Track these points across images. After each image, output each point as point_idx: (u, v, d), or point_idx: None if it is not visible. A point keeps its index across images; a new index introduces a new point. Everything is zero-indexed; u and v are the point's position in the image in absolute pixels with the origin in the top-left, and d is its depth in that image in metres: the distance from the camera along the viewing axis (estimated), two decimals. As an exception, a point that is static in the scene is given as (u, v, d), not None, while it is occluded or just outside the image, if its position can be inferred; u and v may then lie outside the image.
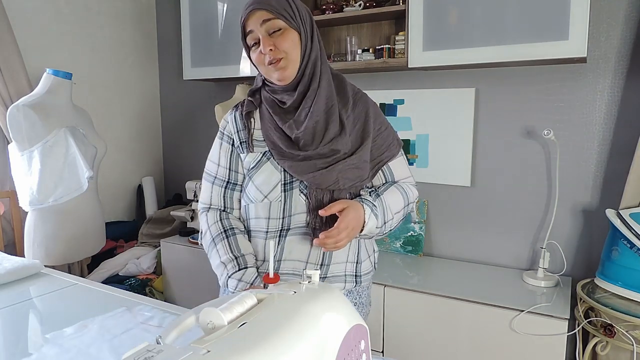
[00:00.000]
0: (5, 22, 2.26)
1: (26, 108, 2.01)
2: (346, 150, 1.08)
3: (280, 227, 1.12)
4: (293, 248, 1.12)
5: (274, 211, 1.11)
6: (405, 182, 1.20)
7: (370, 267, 1.23)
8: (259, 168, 1.13)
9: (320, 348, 0.61)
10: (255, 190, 1.13)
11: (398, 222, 1.17)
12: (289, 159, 1.09)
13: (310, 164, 1.07)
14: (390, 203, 1.12)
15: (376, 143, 1.14)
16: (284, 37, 1.05)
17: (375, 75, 2.43)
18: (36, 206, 2.10)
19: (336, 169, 1.06)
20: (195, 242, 2.53)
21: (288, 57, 1.06)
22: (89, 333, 1.16)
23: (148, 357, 0.52)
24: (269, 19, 1.04)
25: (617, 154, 1.94)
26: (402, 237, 2.38)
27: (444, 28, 1.96)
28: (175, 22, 3.08)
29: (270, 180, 1.11)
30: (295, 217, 1.11)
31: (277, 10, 1.04)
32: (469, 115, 2.20)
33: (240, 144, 1.17)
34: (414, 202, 1.20)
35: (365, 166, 1.11)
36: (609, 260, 1.75)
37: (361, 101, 1.15)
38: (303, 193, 1.10)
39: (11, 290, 1.50)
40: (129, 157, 3.10)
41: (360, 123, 1.12)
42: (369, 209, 1.07)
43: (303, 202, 1.10)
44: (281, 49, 1.05)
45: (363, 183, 1.13)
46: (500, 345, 1.76)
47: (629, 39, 1.88)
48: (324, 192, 1.08)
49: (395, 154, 1.18)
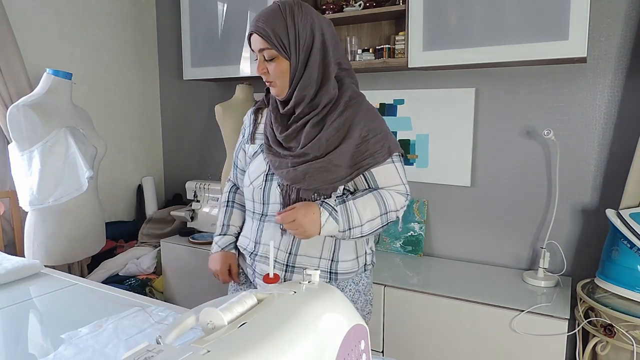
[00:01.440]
0: (5, 22, 2.26)
1: (26, 108, 2.01)
2: (317, 154, 1.16)
3: (260, 212, 1.26)
4: (267, 233, 1.25)
5: (257, 196, 1.26)
6: (390, 190, 1.23)
7: (354, 267, 1.27)
8: (254, 157, 1.29)
9: (320, 348, 0.61)
10: (247, 176, 1.30)
11: (374, 229, 1.20)
12: (273, 154, 1.23)
13: (283, 162, 1.19)
14: (361, 210, 1.17)
15: (359, 149, 1.19)
16: (274, 65, 1.17)
17: (375, 75, 2.43)
18: (36, 206, 2.10)
19: (300, 169, 1.16)
20: (195, 242, 2.53)
21: (277, 82, 1.19)
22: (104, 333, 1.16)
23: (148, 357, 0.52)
24: (265, 48, 1.15)
25: (617, 154, 1.94)
26: (402, 237, 2.38)
27: (444, 28, 1.96)
28: (175, 22, 3.08)
29: (259, 169, 1.26)
30: (271, 205, 1.23)
31: (272, 41, 1.13)
32: (469, 115, 2.20)
33: (248, 136, 1.34)
34: (399, 210, 1.23)
35: (336, 170, 1.17)
36: (609, 260, 1.75)
37: (352, 108, 1.20)
38: (279, 186, 1.21)
39: (11, 290, 1.50)
40: (129, 157, 3.10)
41: (343, 130, 1.18)
42: (326, 213, 1.14)
43: (278, 193, 1.22)
44: (272, 75, 1.18)
45: (334, 185, 1.19)
46: (500, 345, 1.76)
47: (629, 39, 1.88)
48: (292, 188, 1.19)
49: (380, 162, 1.20)
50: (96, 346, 1.10)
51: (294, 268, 1.23)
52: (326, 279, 1.25)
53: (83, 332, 1.17)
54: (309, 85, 1.17)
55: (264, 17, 1.14)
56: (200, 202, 2.73)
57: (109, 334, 1.15)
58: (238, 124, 2.49)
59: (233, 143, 2.52)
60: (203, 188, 2.72)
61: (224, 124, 2.48)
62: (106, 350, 1.08)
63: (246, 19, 2.46)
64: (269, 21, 1.13)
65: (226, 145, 2.55)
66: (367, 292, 1.34)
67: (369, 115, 1.21)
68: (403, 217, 2.37)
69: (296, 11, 1.14)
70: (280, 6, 1.14)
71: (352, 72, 1.28)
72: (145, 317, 1.25)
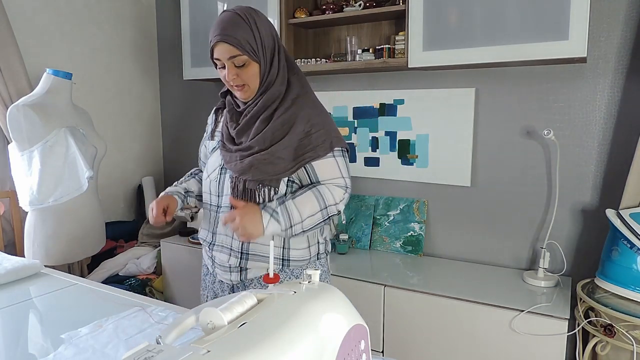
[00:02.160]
0: (5, 22, 2.26)
1: (26, 108, 2.01)
2: (262, 147, 1.24)
3: (216, 204, 1.35)
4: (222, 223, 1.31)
5: (213, 188, 1.36)
6: (329, 183, 1.28)
7: (306, 255, 1.34)
8: (212, 153, 1.39)
9: (320, 348, 0.61)
10: (205, 170, 1.41)
11: (314, 223, 1.26)
12: (225, 149, 1.32)
13: (233, 156, 1.28)
14: (300, 207, 1.24)
15: (302, 143, 1.25)
16: (246, 70, 1.23)
17: (375, 75, 2.43)
18: (36, 206, 2.10)
19: (246, 162, 1.24)
20: (195, 242, 2.53)
21: (249, 85, 1.25)
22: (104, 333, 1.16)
23: (148, 357, 0.52)
24: (235, 55, 1.21)
25: (617, 154, 1.94)
26: (402, 237, 2.38)
27: (444, 28, 1.96)
28: (175, 22, 3.08)
29: (215, 163, 1.36)
30: (225, 197, 1.31)
31: (242, 46, 1.20)
32: (469, 115, 2.20)
33: (209, 132, 1.45)
34: (338, 203, 1.28)
35: (280, 162, 1.24)
36: (609, 260, 1.75)
37: (297, 105, 1.27)
38: (230, 178, 1.30)
39: (11, 290, 1.50)
40: (129, 157, 3.10)
41: (287, 125, 1.25)
42: (267, 215, 1.21)
43: (229, 185, 1.30)
44: (244, 79, 1.24)
45: (278, 177, 1.26)
46: (500, 345, 1.76)
47: (629, 39, 1.88)
48: (239, 180, 1.26)
49: (321, 155, 1.26)
50: (96, 346, 1.10)
51: (248, 255, 1.30)
52: (279, 266, 1.32)
53: (83, 332, 1.17)
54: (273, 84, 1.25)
55: (229, 26, 1.20)
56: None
57: (109, 334, 1.15)
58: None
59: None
60: (203, 188, 2.72)
61: (224, 124, 2.48)
62: (106, 350, 1.08)
63: (246, 19, 2.46)
64: (235, 29, 1.20)
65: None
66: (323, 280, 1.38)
67: (314, 111, 1.28)
68: (403, 217, 2.38)
69: (256, 17, 1.23)
70: (240, 14, 1.21)
71: (301, 74, 1.34)
72: (145, 317, 1.25)
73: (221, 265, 1.35)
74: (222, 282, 1.39)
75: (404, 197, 2.42)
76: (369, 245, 2.45)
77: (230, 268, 1.33)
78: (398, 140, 2.39)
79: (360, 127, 2.49)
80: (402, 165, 2.39)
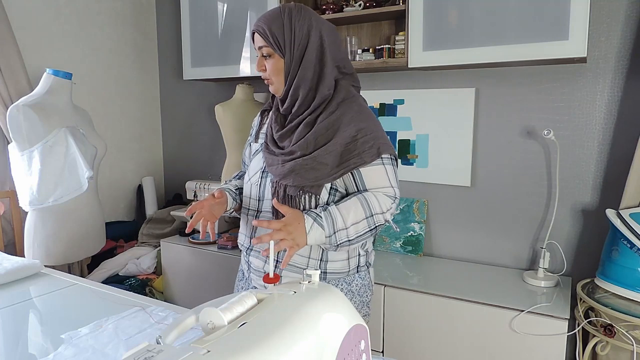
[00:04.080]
0: (5, 22, 2.26)
1: (26, 108, 2.01)
2: (304, 152, 1.19)
3: (256, 208, 1.31)
4: (261, 228, 1.24)
5: (253, 192, 1.32)
6: (377, 192, 1.21)
7: (345, 268, 1.27)
8: (255, 155, 1.36)
9: (320, 348, 0.61)
10: (247, 173, 1.37)
11: (360, 233, 1.19)
12: (267, 152, 1.29)
13: (275, 160, 1.24)
14: (344, 213, 1.17)
15: (348, 148, 1.19)
16: (270, 63, 1.23)
17: (375, 75, 2.43)
18: (36, 206, 2.10)
19: (287, 166, 1.20)
20: (195, 242, 2.53)
21: (273, 80, 1.24)
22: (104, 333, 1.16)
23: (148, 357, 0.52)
24: (264, 46, 1.21)
25: (617, 154, 1.94)
26: (402, 237, 2.38)
27: (444, 28, 1.96)
28: (175, 22, 3.08)
29: (257, 166, 1.32)
30: (266, 201, 1.28)
31: (269, 39, 1.19)
32: (469, 115, 2.19)
33: (253, 134, 1.42)
34: (384, 212, 1.20)
35: (322, 168, 1.19)
36: (609, 260, 1.75)
37: (343, 108, 1.21)
38: (271, 182, 1.26)
39: (11, 290, 1.50)
40: (129, 157, 3.10)
41: (332, 129, 1.20)
42: (310, 220, 1.15)
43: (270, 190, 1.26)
44: (268, 72, 1.24)
45: (319, 183, 1.20)
46: (500, 345, 1.76)
47: (629, 39, 1.88)
48: (281, 185, 1.22)
49: (368, 162, 1.19)
50: (96, 346, 1.10)
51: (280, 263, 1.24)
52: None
53: (83, 332, 1.17)
54: (303, 84, 1.21)
55: (264, 17, 1.22)
56: (200, 202, 2.72)
57: (109, 334, 1.15)
58: (238, 124, 2.50)
59: (233, 143, 2.52)
60: (203, 188, 2.72)
61: (224, 124, 2.49)
62: (106, 350, 1.08)
63: (246, 19, 2.46)
64: (267, 21, 1.20)
65: (226, 145, 2.55)
66: (363, 294, 1.33)
67: (361, 116, 1.22)
68: (403, 217, 2.38)
69: (294, 13, 1.20)
70: (281, 9, 1.22)
71: (355, 77, 1.30)
72: (145, 317, 1.25)
73: (257, 270, 1.31)
74: (256, 288, 1.35)
75: (404, 197, 2.41)
76: (369, 245, 2.45)
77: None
78: (398, 140, 2.39)
79: (360, 127, 2.49)
80: (402, 165, 2.39)
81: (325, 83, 1.21)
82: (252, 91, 2.57)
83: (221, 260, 2.39)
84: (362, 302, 1.33)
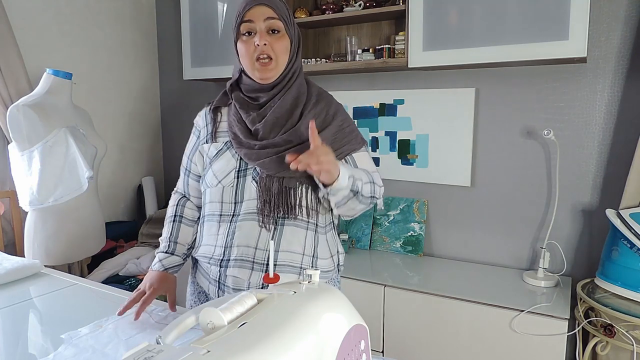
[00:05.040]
0: (5, 22, 2.26)
1: (26, 108, 2.01)
2: (299, 141, 1.15)
3: (232, 212, 1.20)
4: (242, 233, 1.18)
5: (227, 196, 1.20)
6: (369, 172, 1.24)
7: (331, 266, 1.26)
8: (219, 156, 1.23)
9: (320, 348, 0.61)
10: (212, 175, 1.23)
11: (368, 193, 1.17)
12: (246, 147, 1.18)
13: (263, 152, 1.15)
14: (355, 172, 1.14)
15: (337, 137, 1.20)
16: (279, 40, 1.13)
17: (375, 75, 2.43)
18: (36, 206, 2.10)
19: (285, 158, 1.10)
20: (195, 242, 2.52)
21: (277, 59, 1.14)
22: (104, 333, 1.16)
23: (148, 357, 0.52)
24: (273, 18, 1.12)
25: (617, 154, 1.94)
26: (402, 237, 2.38)
27: (444, 28, 1.96)
28: (175, 22, 3.08)
29: (227, 167, 1.21)
30: (246, 203, 1.18)
31: (281, 14, 1.13)
32: (469, 115, 2.19)
33: (206, 136, 1.29)
34: (379, 190, 1.22)
35: None
36: (609, 260, 1.75)
37: (324, 100, 1.23)
38: (255, 180, 1.17)
39: (11, 290, 1.50)
40: (129, 157, 3.10)
41: (320, 118, 1.19)
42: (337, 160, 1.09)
43: (254, 188, 1.17)
44: (274, 49, 1.13)
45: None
46: (500, 345, 1.76)
47: (629, 39, 1.88)
48: (273, 179, 1.15)
49: (357, 148, 1.23)
50: (96, 346, 1.09)
51: (275, 266, 1.17)
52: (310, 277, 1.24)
53: (83, 332, 1.17)
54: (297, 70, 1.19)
55: None
56: (200, 202, 2.72)
57: (109, 334, 1.15)
58: (238, 124, 2.50)
59: (233, 143, 2.52)
60: (203, 188, 2.72)
61: (224, 124, 2.48)
62: (106, 350, 1.07)
63: (246, 19, 2.46)
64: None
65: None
66: None
67: (340, 107, 1.26)
68: (403, 217, 2.38)
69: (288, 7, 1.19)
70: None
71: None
72: (146, 317, 1.25)
73: (235, 286, 1.18)
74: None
75: (404, 197, 2.41)
76: (369, 245, 2.45)
77: (249, 286, 1.17)
78: (398, 140, 2.39)
79: (360, 127, 2.49)
80: (402, 165, 2.39)
81: (301, 75, 1.22)
82: (252, 91, 2.57)
83: (221, 260, 2.38)
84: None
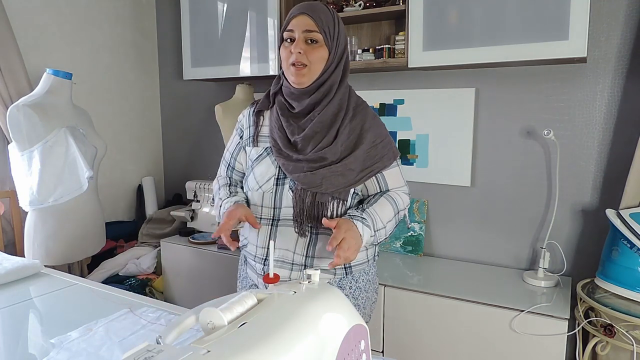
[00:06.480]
0: (5, 22, 2.26)
1: (26, 108, 2.01)
2: (334, 159, 1.20)
3: (272, 217, 1.27)
4: (281, 237, 1.25)
5: (267, 201, 1.27)
6: (397, 191, 1.32)
7: (364, 258, 1.32)
8: (259, 161, 1.29)
9: (320, 348, 0.61)
10: (253, 180, 1.29)
11: (391, 229, 1.29)
12: (284, 157, 1.23)
13: (299, 166, 1.21)
14: (380, 213, 1.23)
15: (369, 154, 1.25)
16: (316, 50, 1.19)
17: (375, 75, 2.43)
18: (36, 206, 2.10)
19: (319, 174, 1.19)
20: (195, 242, 2.53)
21: (311, 67, 1.19)
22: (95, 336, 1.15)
23: (148, 357, 0.52)
24: (313, 30, 1.18)
25: (617, 154, 1.94)
26: (402, 237, 2.38)
27: (444, 28, 1.96)
28: (175, 22, 3.08)
29: (267, 173, 1.26)
30: (284, 209, 1.25)
31: (322, 26, 1.18)
32: (469, 115, 2.19)
33: (248, 138, 1.33)
34: (405, 208, 1.33)
35: (350, 174, 1.22)
36: (609, 260, 1.75)
37: (360, 114, 1.27)
38: (291, 189, 1.23)
39: (11, 290, 1.50)
40: (129, 157, 3.10)
41: (354, 135, 1.24)
42: (360, 223, 1.17)
43: (290, 197, 1.23)
44: (309, 57, 1.19)
45: (348, 188, 1.24)
46: (500, 345, 1.76)
47: (629, 39, 1.88)
48: (307, 192, 1.21)
49: (388, 166, 1.29)
50: (90, 349, 1.08)
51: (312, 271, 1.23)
52: (343, 275, 1.29)
53: (73, 336, 1.15)
54: (332, 82, 1.22)
55: (311, 5, 1.20)
56: (200, 202, 2.73)
57: (101, 337, 1.14)
58: (238, 124, 2.50)
59: (233, 143, 2.52)
60: (203, 188, 2.72)
61: (224, 124, 2.49)
62: (101, 353, 1.07)
63: (246, 19, 2.46)
64: (317, 10, 1.19)
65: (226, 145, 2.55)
66: (374, 281, 1.40)
67: (375, 121, 1.29)
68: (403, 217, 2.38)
69: (338, 15, 1.24)
70: (327, 6, 1.23)
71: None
72: (135, 319, 1.24)
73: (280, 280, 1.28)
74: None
75: (404, 197, 2.41)
76: (369, 245, 2.45)
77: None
78: (398, 140, 2.39)
79: (360, 127, 2.49)
80: (402, 165, 2.39)
81: (343, 87, 1.26)
82: (252, 91, 2.57)
83: (221, 260, 2.39)
84: (374, 288, 1.39)
